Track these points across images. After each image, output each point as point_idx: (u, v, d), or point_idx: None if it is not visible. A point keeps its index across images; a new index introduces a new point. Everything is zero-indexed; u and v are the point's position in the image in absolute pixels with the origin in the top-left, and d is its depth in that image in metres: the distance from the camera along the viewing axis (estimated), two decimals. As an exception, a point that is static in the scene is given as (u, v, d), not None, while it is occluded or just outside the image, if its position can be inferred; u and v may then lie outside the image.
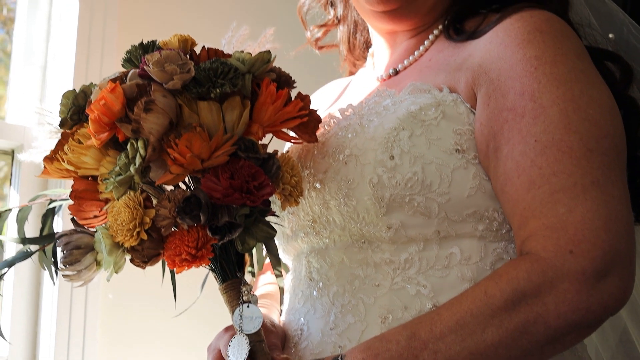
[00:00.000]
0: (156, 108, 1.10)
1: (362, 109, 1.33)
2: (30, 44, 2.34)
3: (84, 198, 1.18)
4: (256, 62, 1.18)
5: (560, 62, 1.20)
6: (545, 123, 1.17)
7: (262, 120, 1.17)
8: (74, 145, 1.16)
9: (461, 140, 1.24)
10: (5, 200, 2.28)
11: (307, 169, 1.33)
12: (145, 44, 1.18)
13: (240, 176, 1.12)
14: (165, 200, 1.13)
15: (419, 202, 1.22)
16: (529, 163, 1.16)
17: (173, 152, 1.10)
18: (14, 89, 2.31)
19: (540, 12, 1.27)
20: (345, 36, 1.65)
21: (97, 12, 2.31)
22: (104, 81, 1.16)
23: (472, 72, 1.26)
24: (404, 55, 1.44)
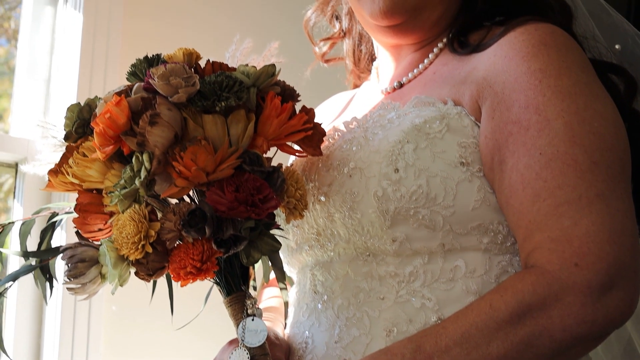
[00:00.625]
0: (161, 121, 1.10)
1: (366, 122, 1.33)
2: (34, 57, 2.34)
3: (89, 211, 1.18)
4: (261, 75, 1.18)
5: (564, 75, 1.20)
6: (550, 136, 1.17)
7: (267, 133, 1.17)
8: (78, 158, 1.16)
9: (466, 153, 1.24)
10: (9, 213, 2.29)
11: (311, 182, 1.33)
12: (150, 58, 1.18)
13: (245, 189, 1.12)
14: (170, 213, 1.13)
15: (424, 215, 1.22)
16: (534, 176, 1.16)
17: (178, 165, 1.10)
18: (18, 102, 2.32)
19: (544, 25, 1.27)
20: (350, 49, 1.65)
21: (101, 25, 2.31)
22: (109, 94, 1.16)
23: (476, 85, 1.26)
24: (409, 69, 1.44)
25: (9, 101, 2.37)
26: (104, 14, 2.32)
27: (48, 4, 2.38)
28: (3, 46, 2.51)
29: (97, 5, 2.32)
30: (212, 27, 2.51)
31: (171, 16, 2.47)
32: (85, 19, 2.30)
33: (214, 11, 2.55)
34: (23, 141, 2.23)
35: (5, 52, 2.47)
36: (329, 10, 1.61)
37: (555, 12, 1.37)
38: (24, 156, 2.23)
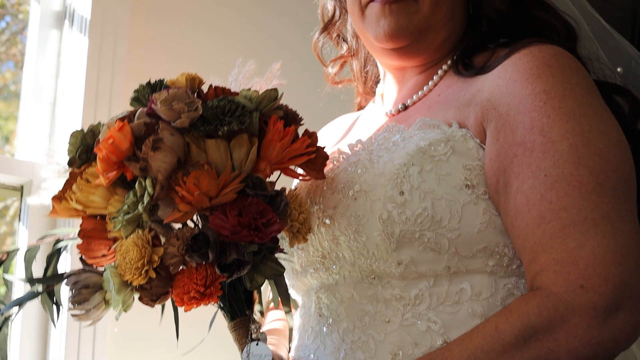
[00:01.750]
0: (164, 146, 1.11)
1: (371, 144, 1.33)
2: (39, 80, 2.35)
3: (93, 237, 1.18)
4: (263, 99, 1.18)
5: (569, 97, 1.20)
6: (554, 157, 1.17)
7: (270, 157, 1.17)
8: (82, 184, 1.16)
9: (471, 175, 1.24)
10: (15, 236, 2.29)
11: (316, 205, 1.33)
12: (153, 83, 1.19)
13: (248, 213, 1.12)
14: (173, 238, 1.13)
15: (429, 237, 1.22)
16: (539, 197, 1.16)
17: (181, 190, 1.10)
18: (24, 125, 2.32)
19: (548, 46, 1.27)
20: (358, 69, 1.66)
21: (106, 49, 2.32)
22: (112, 120, 1.16)
23: (481, 107, 1.26)
24: (413, 91, 1.44)
25: (16, 124, 2.38)
26: (109, 38, 2.33)
27: (54, 27, 2.39)
28: (10, 69, 2.52)
29: (102, 29, 2.33)
30: (217, 51, 2.52)
31: (177, 41, 2.48)
32: (91, 42, 2.30)
33: (218, 35, 2.56)
34: (28, 164, 2.23)
35: (13, 75, 2.48)
36: (334, 32, 1.62)
37: (560, 33, 1.38)
38: (29, 179, 2.23)
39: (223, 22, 2.56)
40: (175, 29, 2.47)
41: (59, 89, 2.35)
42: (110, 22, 2.34)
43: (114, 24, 2.35)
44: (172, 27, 2.47)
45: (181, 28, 2.49)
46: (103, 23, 2.33)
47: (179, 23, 2.48)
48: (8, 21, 2.55)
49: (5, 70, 2.53)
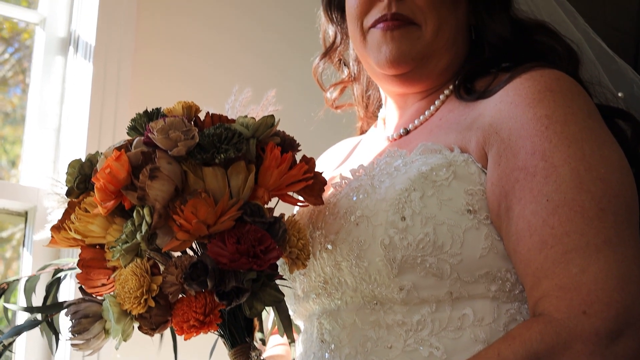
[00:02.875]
0: (161, 175, 1.10)
1: (373, 169, 1.33)
2: (44, 106, 2.36)
3: (92, 266, 1.18)
4: (260, 126, 1.18)
5: (570, 121, 1.20)
6: (556, 182, 1.16)
7: (268, 184, 1.17)
8: (80, 214, 1.16)
9: (473, 200, 1.24)
10: (19, 261, 2.29)
11: (318, 230, 1.32)
12: (150, 112, 1.19)
13: (247, 241, 1.12)
14: (172, 266, 1.13)
15: (431, 263, 1.21)
16: (541, 222, 1.15)
17: (179, 219, 1.10)
18: (28, 151, 2.33)
19: (550, 71, 1.27)
20: (360, 94, 1.66)
21: (110, 75, 2.33)
22: (110, 149, 1.16)
23: (482, 131, 1.26)
24: (415, 116, 1.44)
25: (20, 149, 2.39)
26: (113, 64, 2.34)
27: (58, 53, 2.41)
28: (17, 94, 2.53)
29: (106, 56, 2.34)
30: (217, 77, 2.53)
31: (180, 68, 2.49)
32: (95, 68, 2.32)
33: (220, 62, 2.57)
34: (33, 190, 2.23)
35: (20, 100, 2.49)
36: (336, 57, 1.62)
37: (562, 58, 1.37)
38: (33, 205, 2.23)
39: (225, 50, 2.58)
40: (179, 56, 2.49)
41: (64, 115, 2.36)
42: (114, 48, 2.36)
43: (118, 50, 2.36)
44: (176, 54, 2.49)
45: (184, 55, 2.50)
46: (107, 50, 2.34)
47: (182, 51, 2.50)
48: (16, 47, 2.56)
49: (12, 95, 2.55)
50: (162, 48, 2.47)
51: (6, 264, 2.39)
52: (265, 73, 2.57)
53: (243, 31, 2.61)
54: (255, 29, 2.63)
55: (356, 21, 1.43)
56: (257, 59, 2.61)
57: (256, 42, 2.63)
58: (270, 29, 2.67)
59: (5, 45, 2.52)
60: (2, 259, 2.39)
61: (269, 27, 2.66)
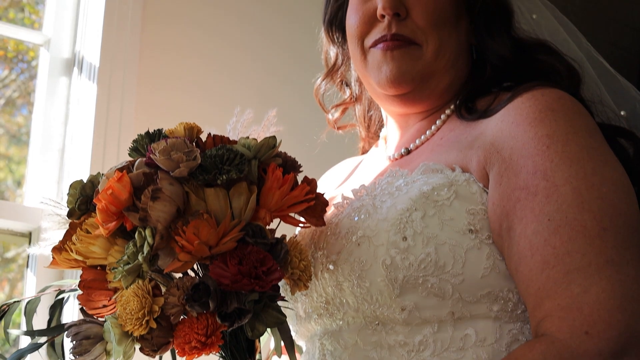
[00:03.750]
0: (163, 196, 1.11)
1: (374, 189, 1.33)
2: (48, 127, 2.37)
3: (93, 288, 1.18)
4: (262, 147, 1.18)
5: (572, 141, 1.20)
6: (558, 202, 1.16)
7: (269, 205, 1.17)
8: (82, 235, 1.16)
9: (474, 220, 1.23)
10: (23, 282, 2.29)
11: (320, 250, 1.32)
12: (152, 133, 1.19)
13: (249, 262, 1.12)
14: (174, 288, 1.13)
15: (433, 283, 1.21)
16: (543, 242, 1.15)
17: (181, 240, 1.10)
18: (32, 172, 2.34)
19: (551, 90, 1.27)
20: (361, 114, 1.66)
21: (114, 96, 2.34)
22: (111, 171, 1.16)
23: (484, 150, 1.26)
24: (416, 135, 1.44)
25: (24, 170, 2.39)
26: (117, 85, 2.36)
27: (63, 74, 2.42)
28: (23, 114, 2.54)
29: (110, 77, 2.35)
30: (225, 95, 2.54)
31: (184, 87, 2.50)
32: (99, 89, 2.33)
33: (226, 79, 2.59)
34: (36, 211, 2.24)
35: (26, 120, 2.50)
36: (337, 77, 1.62)
37: (563, 77, 1.38)
38: (37, 225, 2.24)
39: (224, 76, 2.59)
40: (183, 79, 2.50)
41: (68, 136, 2.36)
42: (118, 69, 2.37)
43: (122, 71, 2.37)
44: (180, 77, 2.50)
45: (188, 79, 2.52)
46: (111, 71, 2.35)
47: (186, 74, 2.52)
48: (23, 67, 2.58)
49: (18, 115, 2.56)
50: (165, 70, 2.49)
51: (11, 284, 2.39)
52: (263, 100, 2.59)
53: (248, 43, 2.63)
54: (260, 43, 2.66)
55: (356, 41, 1.44)
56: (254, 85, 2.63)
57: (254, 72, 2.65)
58: (274, 41, 2.70)
59: (12, 66, 2.53)
60: (7, 279, 2.39)
61: (265, 59, 2.68)
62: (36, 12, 2.59)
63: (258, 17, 2.70)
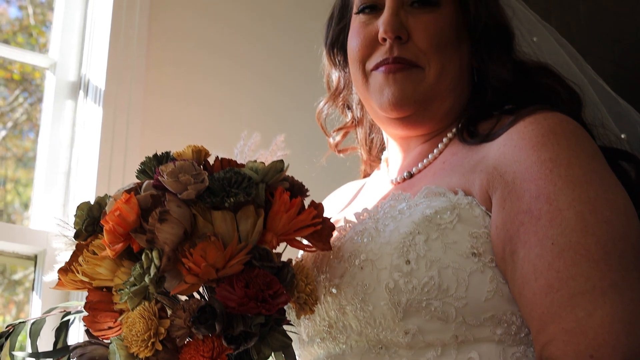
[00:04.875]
0: (171, 218, 1.11)
1: (377, 213, 1.33)
2: (54, 150, 2.38)
3: (99, 309, 1.18)
4: (269, 171, 1.19)
5: (574, 164, 1.20)
6: (561, 226, 1.16)
7: (276, 228, 1.17)
8: (88, 256, 1.16)
9: (477, 243, 1.24)
10: (29, 305, 2.29)
11: (323, 274, 1.32)
12: (160, 155, 1.20)
13: (255, 285, 1.12)
14: (180, 310, 1.13)
15: (436, 306, 1.21)
16: (546, 266, 1.15)
17: (188, 262, 1.10)
18: (38, 195, 2.34)
19: (553, 114, 1.28)
20: (363, 137, 1.66)
21: (120, 119, 2.35)
22: (119, 192, 1.17)
23: (486, 174, 1.27)
24: (418, 159, 1.45)
25: (30, 193, 2.40)
26: (123, 108, 2.37)
27: (69, 97, 2.43)
28: (30, 137, 2.56)
29: (116, 100, 2.36)
30: (229, 118, 2.55)
31: (190, 112, 2.51)
32: (105, 113, 2.34)
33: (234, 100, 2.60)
34: (42, 234, 2.24)
35: (33, 143, 2.51)
36: (340, 101, 1.63)
37: (564, 100, 1.38)
38: (43, 248, 2.24)
39: (231, 99, 2.61)
40: (186, 103, 2.52)
41: (74, 159, 2.37)
42: (124, 93, 2.38)
43: (128, 94, 2.38)
44: (185, 99, 2.52)
45: (193, 100, 2.53)
46: (117, 94, 2.37)
47: (189, 98, 2.53)
48: (31, 91, 2.59)
49: (26, 138, 2.57)
50: (171, 95, 2.50)
51: (18, 307, 2.39)
52: (269, 121, 2.60)
53: (247, 83, 2.65)
54: (260, 81, 2.68)
55: (358, 64, 1.45)
56: (261, 108, 2.64)
57: (260, 92, 2.66)
58: (280, 58, 2.71)
59: (20, 89, 2.54)
60: (14, 302, 2.39)
61: (271, 79, 2.70)
62: (42, 33, 2.61)
63: (264, 35, 2.72)
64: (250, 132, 1.41)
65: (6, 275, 2.38)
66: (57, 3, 2.51)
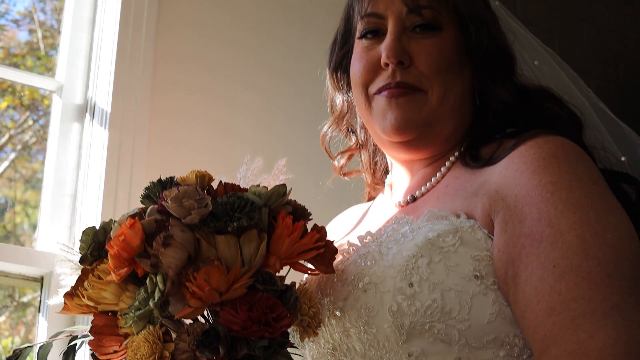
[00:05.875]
0: (175, 243, 1.12)
1: (380, 236, 1.34)
2: (60, 172, 2.39)
3: (104, 333, 1.18)
4: (272, 195, 1.20)
5: (576, 188, 1.21)
6: (563, 249, 1.17)
7: (279, 252, 1.18)
8: (93, 281, 1.17)
9: (480, 266, 1.24)
10: (35, 327, 2.30)
11: (327, 297, 1.33)
12: (164, 181, 1.21)
13: (259, 308, 1.13)
14: (184, 333, 1.14)
15: (439, 329, 1.22)
16: (548, 289, 1.16)
17: (192, 286, 1.11)
18: (44, 217, 2.35)
19: (554, 137, 1.28)
20: (367, 160, 1.67)
21: (126, 142, 2.36)
22: (124, 217, 1.18)
23: (488, 198, 1.27)
24: (421, 182, 1.46)
25: (37, 215, 2.41)
26: (129, 131, 2.38)
27: (75, 120, 2.45)
28: (39, 159, 2.57)
29: (122, 123, 2.38)
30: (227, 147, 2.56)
31: (196, 133, 2.53)
32: (111, 136, 2.35)
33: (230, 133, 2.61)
34: (48, 255, 2.25)
35: (42, 165, 2.53)
36: (344, 125, 1.63)
37: (565, 123, 1.39)
38: (49, 270, 2.24)
39: (235, 122, 2.62)
40: (192, 126, 2.53)
41: (80, 181, 2.38)
42: (130, 116, 2.39)
43: (134, 118, 2.40)
44: (190, 124, 2.53)
45: (198, 124, 2.54)
46: (123, 117, 2.38)
47: (195, 121, 2.54)
48: (40, 114, 2.61)
49: (35, 160, 2.59)
50: (176, 117, 2.51)
51: (27, 328, 2.40)
52: (274, 143, 2.61)
53: (253, 106, 2.67)
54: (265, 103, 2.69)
55: (361, 88, 1.45)
56: (266, 131, 2.65)
57: (265, 115, 2.68)
58: (277, 105, 2.72)
59: (28, 112, 2.57)
60: (23, 323, 2.40)
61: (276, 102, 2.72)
62: (49, 57, 2.63)
63: (269, 57, 2.73)
64: (256, 154, 1.42)
65: (15, 297, 2.39)
66: (64, 27, 2.53)
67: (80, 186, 2.38)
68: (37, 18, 2.61)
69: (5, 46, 2.53)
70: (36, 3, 2.60)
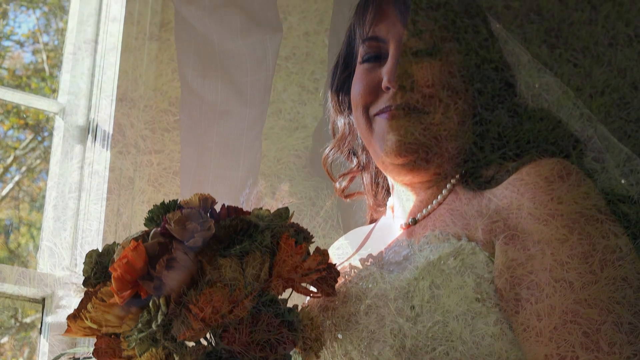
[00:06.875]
0: (177, 265, 1.13)
1: (381, 259, 1.34)
2: (62, 192, 2.40)
3: (107, 355, 1.19)
4: (274, 218, 1.20)
5: (575, 210, 1.22)
6: (563, 270, 1.17)
7: (282, 274, 1.18)
8: (97, 303, 1.18)
9: (481, 288, 1.24)
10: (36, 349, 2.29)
11: (329, 319, 1.33)
12: (167, 203, 1.21)
13: (261, 330, 1.13)
14: (187, 355, 1.14)
15: (441, 351, 1.22)
16: (549, 309, 1.16)
17: (194, 308, 1.12)
18: (46, 238, 2.35)
19: (555, 160, 1.29)
20: (369, 182, 1.66)
21: (127, 162, 2.37)
22: (127, 240, 1.19)
23: (489, 220, 1.28)
24: (423, 205, 1.46)
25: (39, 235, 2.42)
26: (130, 152, 2.39)
27: (77, 141, 2.45)
28: (44, 179, 2.58)
29: (124, 144, 2.38)
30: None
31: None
32: (113, 156, 2.36)
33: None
34: (50, 277, 2.25)
35: (45, 185, 2.53)
36: (345, 147, 1.63)
37: (566, 146, 1.40)
38: (51, 291, 2.24)
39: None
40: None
41: (82, 202, 2.39)
42: (131, 137, 2.40)
43: (135, 139, 2.41)
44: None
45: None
46: (125, 138, 2.39)
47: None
48: (44, 135, 2.62)
49: (40, 181, 2.60)
50: (178, 137, 2.51)
51: (31, 349, 2.40)
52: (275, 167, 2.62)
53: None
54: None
55: (362, 110, 1.45)
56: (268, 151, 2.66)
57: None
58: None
59: (33, 133, 2.58)
60: (27, 344, 2.40)
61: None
62: (52, 79, 2.64)
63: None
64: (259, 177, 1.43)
65: (19, 318, 2.39)
66: (67, 49, 2.55)
67: (82, 207, 2.38)
68: (41, 40, 2.63)
69: (10, 67, 2.54)
70: (41, 26, 2.62)
